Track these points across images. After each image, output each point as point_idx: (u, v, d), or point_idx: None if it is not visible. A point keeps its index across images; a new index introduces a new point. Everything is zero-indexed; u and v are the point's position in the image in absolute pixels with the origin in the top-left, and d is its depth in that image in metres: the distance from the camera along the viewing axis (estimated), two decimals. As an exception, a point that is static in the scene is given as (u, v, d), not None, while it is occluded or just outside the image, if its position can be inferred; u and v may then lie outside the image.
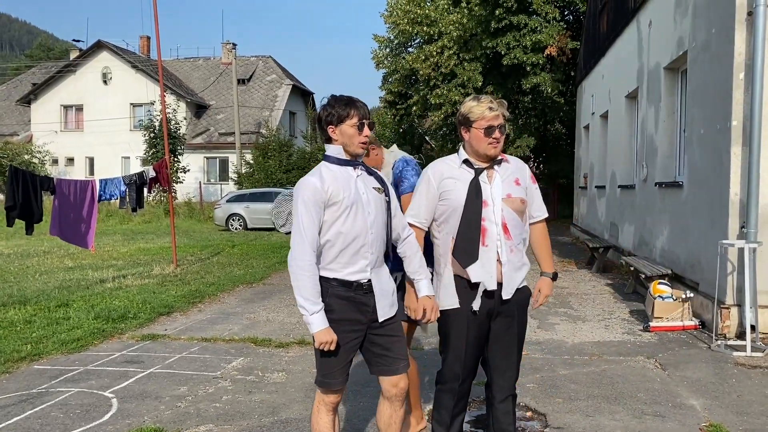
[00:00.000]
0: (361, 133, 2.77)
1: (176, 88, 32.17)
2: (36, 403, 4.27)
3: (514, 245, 2.92)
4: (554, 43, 19.06)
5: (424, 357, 5.29)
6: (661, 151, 8.47)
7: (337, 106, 2.77)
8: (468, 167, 2.93)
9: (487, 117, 2.86)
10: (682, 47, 7.51)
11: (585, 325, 6.53)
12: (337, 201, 2.72)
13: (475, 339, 2.94)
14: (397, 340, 2.90)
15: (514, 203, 2.92)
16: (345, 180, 2.77)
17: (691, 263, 6.96)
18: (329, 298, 2.75)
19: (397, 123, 27.07)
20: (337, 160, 2.80)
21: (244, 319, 6.96)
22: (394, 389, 2.89)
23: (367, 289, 2.80)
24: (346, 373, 2.87)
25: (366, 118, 2.78)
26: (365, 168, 2.86)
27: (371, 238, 2.78)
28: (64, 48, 62.79)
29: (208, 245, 14.87)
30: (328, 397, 2.88)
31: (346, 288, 2.77)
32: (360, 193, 2.77)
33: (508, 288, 2.90)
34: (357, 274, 2.77)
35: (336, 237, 2.73)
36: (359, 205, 2.75)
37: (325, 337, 2.69)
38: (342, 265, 2.76)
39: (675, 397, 4.35)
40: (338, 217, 2.72)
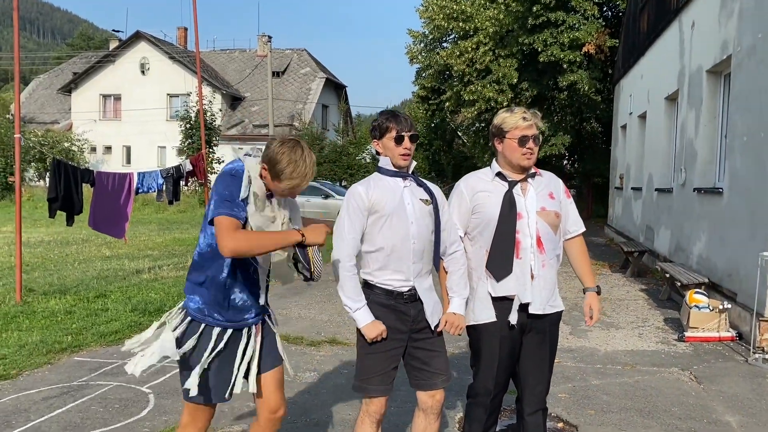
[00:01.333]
0: (400, 146, 2.83)
1: (212, 80, 32.55)
2: (77, 396, 4.40)
3: (546, 260, 2.91)
4: (592, 41, 18.77)
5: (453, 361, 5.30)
6: (700, 155, 8.30)
7: (379, 120, 2.89)
8: (501, 180, 2.93)
9: (521, 127, 2.86)
10: (726, 51, 7.33)
11: (618, 333, 6.46)
12: (380, 209, 2.81)
13: (507, 354, 2.94)
14: (437, 354, 2.92)
15: (548, 217, 2.92)
16: (391, 190, 2.85)
17: (728, 272, 6.82)
18: (370, 304, 2.82)
19: (428, 118, 26.98)
20: (386, 171, 2.89)
21: (277, 315, 7.01)
22: (431, 401, 2.92)
23: (408, 299, 2.85)
24: (387, 382, 2.88)
25: (406, 131, 2.84)
26: (415, 179, 2.92)
27: (413, 247, 2.82)
28: (104, 38, 63.98)
29: (240, 237, 15.03)
30: (370, 406, 2.89)
31: (387, 296, 2.84)
32: (405, 203, 2.84)
33: (538, 303, 2.90)
34: (399, 282, 2.83)
35: (379, 244, 2.81)
36: (402, 215, 2.82)
37: (373, 331, 2.76)
38: (384, 273, 2.83)
39: (710, 412, 4.29)
40: (382, 225, 2.80)
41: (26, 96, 37.02)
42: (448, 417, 4.12)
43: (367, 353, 2.86)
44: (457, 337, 6.03)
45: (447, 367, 2.97)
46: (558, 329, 3.06)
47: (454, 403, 4.38)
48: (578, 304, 7.72)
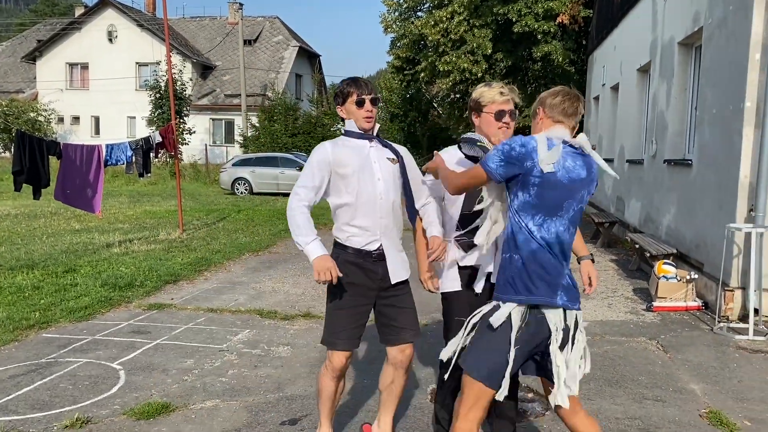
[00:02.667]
0: (362, 108, 2.96)
1: (182, 48, 31.84)
2: (45, 374, 4.34)
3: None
4: (566, 11, 18.72)
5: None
6: (671, 127, 8.38)
7: (341, 86, 3.02)
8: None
9: (498, 101, 2.87)
10: (697, 23, 7.36)
11: (588, 303, 6.57)
12: (345, 166, 2.93)
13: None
14: (405, 311, 3.07)
15: None
16: (357, 149, 2.99)
17: (696, 243, 6.95)
18: (341, 263, 2.93)
19: (404, 89, 26.78)
20: (353, 133, 3.03)
21: (250, 289, 7.01)
22: (401, 356, 3.07)
23: (377, 257, 2.98)
24: (354, 338, 3.00)
25: (366, 94, 2.96)
26: (380, 141, 3.05)
27: (381, 203, 2.96)
28: (69, 4, 61.94)
29: (213, 210, 14.91)
30: (333, 361, 3.00)
31: (356, 255, 2.97)
32: (371, 162, 2.97)
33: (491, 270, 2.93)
34: (367, 238, 2.96)
35: (346, 199, 2.94)
36: (368, 172, 2.95)
37: (322, 264, 2.82)
38: (354, 228, 2.96)
39: (676, 381, 4.39)
40: (348, 181, 2.93)
41: (-12, 64, 35.81)
42: (421, 389, 4.16)
43: (336, 309, 2.99)
44: (432, 309, 6.07)
45: (415, 322, 3.11)
46: None
47: (428, 375, 4.42)
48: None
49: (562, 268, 2.51)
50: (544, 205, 2.45)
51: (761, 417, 3.82)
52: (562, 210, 2.48)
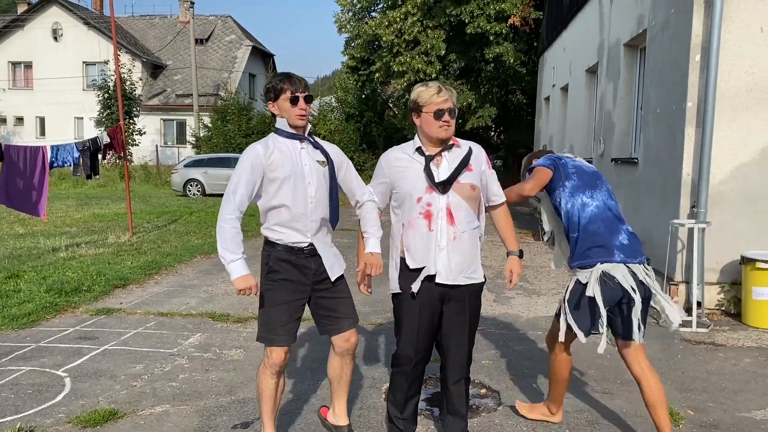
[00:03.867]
0: (296, 106, 2.95)
1: (131, 47, 31.12)
2: (-15, 383, 4.18)
3: (458, 232, 2.94)
4: (517, 13, 18.97)
5: (381, 332, 5.35)
6: (618, 127, 8.61)
7: (273, 82, 2.99)
8: (420, 155, 2.97)
9: (436, 101, 2.90)
10: (642, 25, 7.57)
11: (540, 299, 6.68)
12: (278, 170, 2.92)
13: (427, 323, 2.99)
14: (341, 300, 3.12)
15: (462, 190, 2.94)
16: (289, 151, 2.97)
17: (642, 239, 7.09)
18: (273, 261, 2.99)
19: (359, 89, 26.73)
20: (284, 132, 3.01)
21: (202, 292, 6.90)
22: (346, 344, 3.13)
23: (308, 253, 3.01)
24: (290, 333, 3.02)
25: (300, 91, 2.96)
26: (312, 141, 3.06)
27: (311, 206, 2.98)
28: (11, 1, 59.77)
29: (165, 212, 14.61)
30: (272, 357, 3.01)
31: (288, 251, 2.99)
32: (303, 165, 2.98)
33: (445, 274, 2.93)
34: (298, 239, 2.98)
35: (279, 203, 2.94)
36: (299, 176, 2.95)
37: (242, 284, 2.86)
38: (284, 229, 2.97)
39: (623, 373, 4.49)
40: (280, 185, 2.92)
41: (-75, 63, 34.27)
42: (375, 389, 4.16)
43: (272, 306, 2.99)
44: (387, 308, 6.07)
45: (353, 310, 3.16)
46: (480, 300, 3.12)
47: (382, 374, 4.42)
48: (502, 272, 7.92)
49: (616, 230, 3.18)
50: (586, 183, 3.28)
51: (703, 406, 3.96)
52: (598, 185, 3.30)
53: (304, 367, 4.57)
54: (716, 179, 5.98)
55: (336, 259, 3.13)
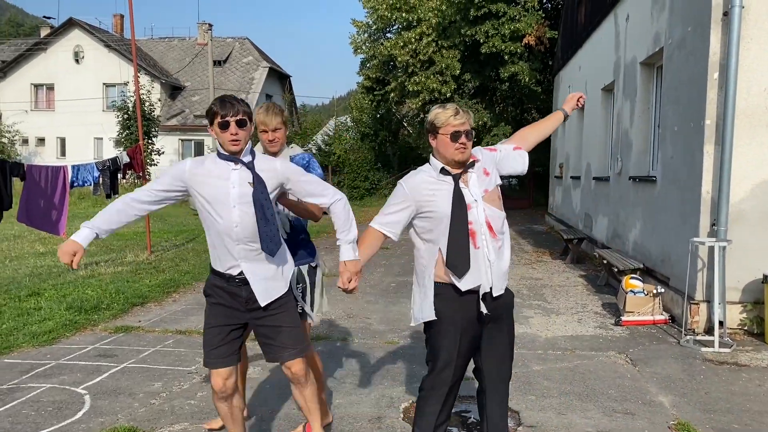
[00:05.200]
0: (226, 131, 2.85)
1: (150, 69, 31.60)
2: (6, 400, 4.21)
3: (500, 242, 2.92)
4: (532, 33, 19.09)
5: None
6: (635, 145, 8.57)
7: (210, 106, 2.91)
8: (445, 175, 2.90)
9: (453, 123, 2.85)
10: (658, 43, 7.57)
11: (559, 319, 6.63)
12: (201, 192, 2.88)
13: (466, 346, 2.91)
14: (282, 330, 3.01)
15: (491, 198, 2.93)
16: (218, 175, 2.89)
17: (662, 258, 7.08)
18: (208, 286, 3.02)
19: (374, 109, 26.92)
20: (221, 155, 2.94)
21: (220, 311, 6.90)
22: (288, 372, 3.08)
23: (240, 282, 2.94)
24: (224, 357, 2.97)
25: (231, 116, 2.85)
26: (246, 164, 2.92)
27: (236, 231, 2.88)
28: (35, 24, 61.18)
29: (182, 231, 14.72)
30: (212, 381, 3.00)
31: (221, 278, 2.97)
32: (229, 188, 2.87)
33: (498, 286, 2.90)
34: (228, 263, 2.93)
35: (207, 227, 2.95)
36: (222, 201, 2.87)
37: (64, 248, 2.82)
38: (214, 252, 2.97)
39: (645, 393, 4.44)
40: (204, 209, 2.90)
41: (-50, 85, 35.04)
42: (393, 408, 4.13)
43: (206, 328, 3.00)
44: (404, 327, 6.05)
45: (296, 340, 3.05)
46: (512, 316, 3.06)
47: (400, 393, 4.39)
48: (519, 291, 7.88)
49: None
50: None
51: (728, 428, 3.88)
52: None
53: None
54: (736, 197, 5.92)
55: (271, 284, 2.99)
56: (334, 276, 3.41)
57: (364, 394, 4.38)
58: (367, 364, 5.06)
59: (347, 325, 6.28)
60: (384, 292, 8.00)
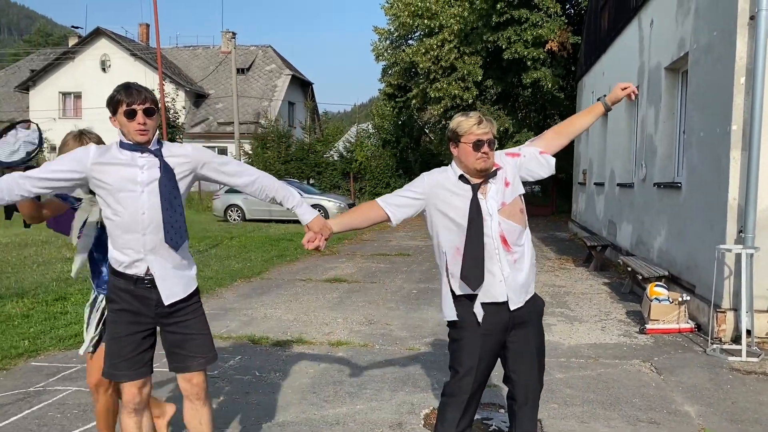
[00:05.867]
0: (133, 120, 2.66)
1: (175, 77, 32.06)
2: (33, 402, 4.29)
3: (517, 254, 2.86)
4: (555, 38, 19.00)
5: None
6: (660, 151, 8.47)
7: (112, 94, 2.70)
8: (464, 182, 2.87)
9: (476, 132, 2.81)
10: (683, 48, 7.49)
11: (582, 327, 6.56)
12: (103, 181, 2.67)
13: (489, 352, 2.87)
14: (192, 337, 2.83)
15: (509, 212, 2.86)
16: (123, 163, 2.70)
17: (687, 265, 6.98)
18: (112, 290, 2.77)
19: (396, 115, 26.97)
20: (125, 144, 2.73)
21: (242, 316, 6.97)
22: (188, 385, 2.87)
23: (149, 283, 2.74)
24: (135, 368, 2.78)
25: (138, 104, 2.66)
26: (155, 152, 2.74)
27: (143, 218, 2.69)
28: (63, 34, 62.48)
29: (206, 237, 14.87)
30: (124, 394, 2.83)
31: (126, 281, 2.74)
32: (136, 175, 2.69)
33: (515, 300, 2.85)
34: (132, 257, 2.71)
35: (108, 215, 2.71)
36: (131, 187, 2.68)
37: None
38: (118, 253, 2.73)
39: (670, 403, 4.38)
40: (107, 197, 2.69)
41: (-19, 94, 35.91)
42: (414, 414, 4.12)
43: (111, 338, 2.78)
44: (425, 333, 6.04)
45: (205, 349, 2.86)
46: (541, 321, 3.00)
47: (420, 400, 4.38)
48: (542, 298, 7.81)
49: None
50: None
51: (756, 438, 3.81)
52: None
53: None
54: (764, 203, 5.82)
55: (177, 281, 2.79)
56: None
57: (385, 400, 4.37)
58: (387, 370, 5.05)
59: (368, 331, 6.28)
60: (405, 298, 8.00)
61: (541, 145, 3.08)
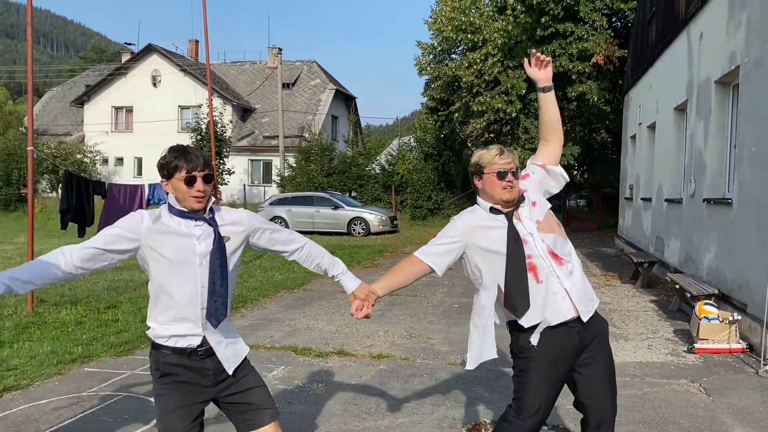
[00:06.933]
0: (192, 188, 2.55)
1: (223, 92, 32.81)
2: (86, 406, 4.44)
3: (569, 266, 2.81)
4: (601, 52, 18.78)
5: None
6: (710, 166, 8.28)
7: (167, 158, 2.59)
8: (496, 214, 2.84)
9: (498, 162, 2.82)
10: (734, 61, 7.33)
11: (627, 344, 6.43)
12: (159, 252, 2.54)
13: (556, 384, 2.80)
14: (254, 390, 2.71)
15: (547, 227, 2.84)
16: (179, 232, 2.57)
17: (739, 284, 6.78)
18: (164, 366, 2.58)
19: (438, 129, 27.01)
20: (175, 210, 2.60)
21: (285, 326, 7.07)
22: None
23: (204, 354, 2.60)
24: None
25: (198, 170, 2.55)
26: (207, 220, 2.62)
27: (203, 292, 2.57)
28: (117, 50, 64.73)
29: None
30: None
31: (177, 355, 2.58)
32: (195, 247, 2.57)
33: (586, 310, 2.78)
34: (186, 330, 2.57)
35: (160, 290, 2.58)
36: (189, 262, 2.56)
37: None
38: (170, 327, 2.57)
39: (719, 425, 4.26)
40: (162, 273, 2.55)
41: (40, 108, 37.45)
42: (455, 428, 4.12)
43: (167, 413, 2.58)
44: (466, 349, 6.02)
45: (270, 400, 2.75)
46: (608, 346, 2.89)
47: (462, 415, 4.37)
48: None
49: None
50: None
51: (811, 464, 3.67)
52: None
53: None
54: (820, 221, 5.64)
55: (234, 347, 2.70)
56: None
57: (426, 414, 4.38)
58: (429, 384, 5.06)
59: (409, 345, 6.30)
60: (446, 313, 7.98)
61: (541, 158, 3.05)
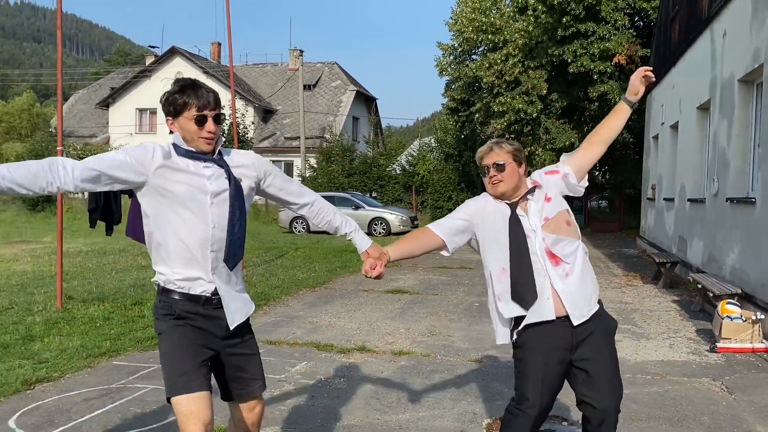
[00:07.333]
0: (203, 128, 2.38)
1: (245, 93, 33.12)
2: (116, 398, 4.57)
3: (566, 268, 2.78)
4: (623, 51, 18.67)
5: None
6: (733, 165, 8.22)
7: (176, 94, 2.39)
8: (501, 203, 2.88)
9: (484, 159, 2.88)
10: (757, 60, 7.28)
11: (649, 343, 6.42)
12: (167, 189, 2.37)
13: (552, 375, 2.78)
14: (252, 358, 2.61)
15: (554, 226, 2.80)
16: (188, 170, 2.41)
17: (762, 283, 6.73)
18: (179, 311, 2.44)
19: (458, 129, 27.01)
20: (182, 150, 2.43)
21: (307, 323, 7.17)
22: (251, 415, 2.64)
23: (217, 303, 2.46)
24: (205, 378, 2.45)
25: (210, 110, 2.38)
26: (217, 161, 2.47)
27: (215, 234, 2.42)
28: (141, 53, 65.61)
29: (272, 247, 15.28)
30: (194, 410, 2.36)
31: (190, 302, 2.44)
32: (205, 186, 2.41)
33: (578, 314, 2.76)
34: (195, 275, 2.42)
35: (169, 232, 2.40)
36: (200, 200, 2.39)
37: None
38: (179, 271, 2.42)
39: (741, 422, 4.26)
40: (169, 211, 2.39)
41: (66, 110, 38.12)
42: (476, 423, 4.17)
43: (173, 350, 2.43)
44: (487, 345, 6.05)
45: (262, 370, 2.66)
46: (612, 344, 2.85)
47: (482, 410, 4.42)
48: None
49: None
50: None
51: (834, 462, 3.67)
52: None
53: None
54: None
55: (242, 302, 2.55)
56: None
57: (447, 408, 4.43)
58: (449, 379, 5.11)
59: (430, 342, 6.36)
60: (467, 311, 8.02)
61: (575, 162, 2.96)
